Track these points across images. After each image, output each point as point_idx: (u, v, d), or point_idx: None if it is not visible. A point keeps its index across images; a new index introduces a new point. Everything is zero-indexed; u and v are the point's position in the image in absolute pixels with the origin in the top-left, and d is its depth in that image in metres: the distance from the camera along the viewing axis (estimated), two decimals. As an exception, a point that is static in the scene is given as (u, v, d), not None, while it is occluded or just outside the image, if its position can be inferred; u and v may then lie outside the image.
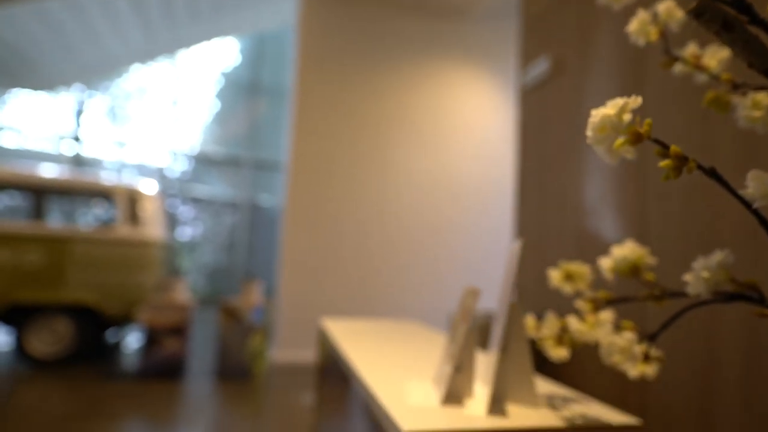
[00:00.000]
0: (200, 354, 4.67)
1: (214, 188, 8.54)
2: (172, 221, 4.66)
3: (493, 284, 5.30)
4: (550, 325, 0.83)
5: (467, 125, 5.17)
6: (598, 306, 0.75)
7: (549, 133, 2.59)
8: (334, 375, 1.75)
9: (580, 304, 0.76)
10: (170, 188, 8.00)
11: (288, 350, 4.41)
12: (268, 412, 3.04)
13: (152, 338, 3.62)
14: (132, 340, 5.17)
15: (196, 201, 8.29)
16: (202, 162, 8.51)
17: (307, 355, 4.43)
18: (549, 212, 2.53)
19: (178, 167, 8.25)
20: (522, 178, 2.79)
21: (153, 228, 4.20)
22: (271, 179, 8.81)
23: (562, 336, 0.79)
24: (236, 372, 3.75)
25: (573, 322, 0.74)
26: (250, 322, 3.76)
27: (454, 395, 0.77)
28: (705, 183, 0.73)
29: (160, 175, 7.87)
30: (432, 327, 1.93)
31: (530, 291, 2.52)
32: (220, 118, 8.77)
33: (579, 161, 2.27)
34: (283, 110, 8.45)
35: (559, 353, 0.79)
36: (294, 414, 3.02)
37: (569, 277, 0.84)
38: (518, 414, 0.72)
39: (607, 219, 2.07)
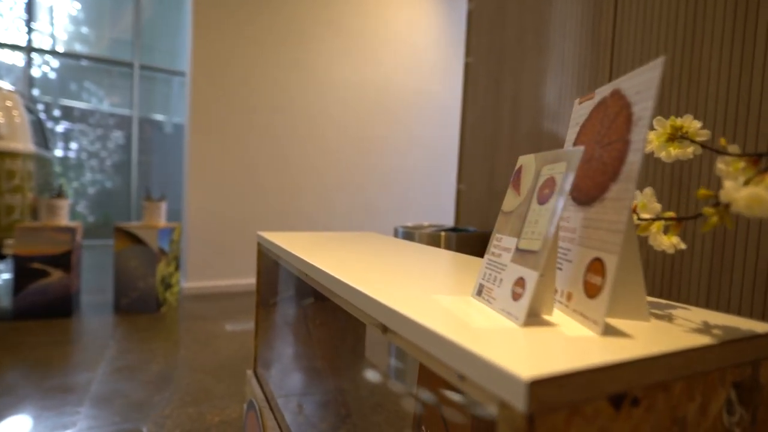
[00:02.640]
0: (98, 287, 4.06)
1: (96, 99, 7.23)
2: (45, 134, 3.77)
3: (430, 207, 5.20)
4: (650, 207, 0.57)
5: (399, 35, 4.69)
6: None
7: (504, 27, 2.29)
8: (278, 297, 1.44)
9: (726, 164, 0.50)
10: (39, 95, 6.62)
11: (199, 278, 3.97)
12: (187, 344, 2.68)
13: (26, 270, 2.97)
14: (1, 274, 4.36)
15: (74, 113, 6.99)
16: (79, 68, 7.09)
17: (221, 282, 4.03)
18: (503, 114, 2.29)
19: (46, 70, 6.79)
20: (468, 80, 2.50)
21: (16, 137, 3.34)
22: (165, 90, 7.65)
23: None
24: (143, 304, 3.27)
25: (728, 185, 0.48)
26: (156, 247, 3.24)
27: (534, 312, 0.50)
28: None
29: (23, 77, 6.42)
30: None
31: (475, 200, 2.34)
32: (97, 12, 7.23)
33: (539, 58, 2.02)
34: (178, 7, 7.16)
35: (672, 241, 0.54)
36: (219, 344, 2.69)
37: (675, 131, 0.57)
38: (644, 333, 0.46)
39: (567, 118, 1.88)
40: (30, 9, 6.52)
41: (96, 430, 1.70)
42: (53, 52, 6.81)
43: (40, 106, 6.83)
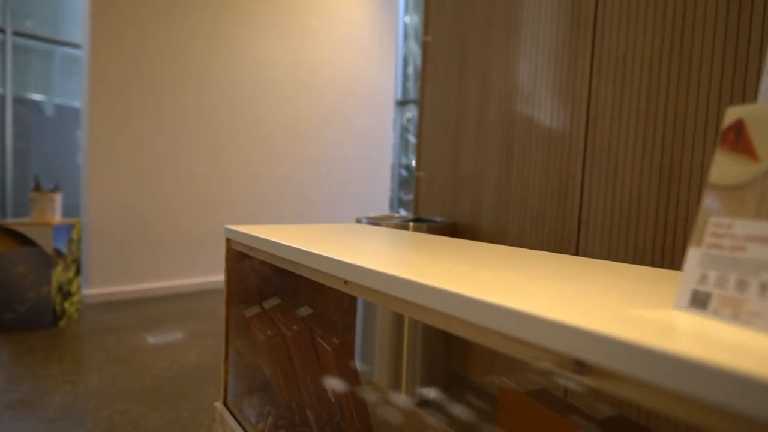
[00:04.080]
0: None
1: (-47, 71, 5.98)
2: None
3: (370, 198, 4.98)
4: None
5: (334, 14, 4.40)
6: None
7: (469, 4, 2.16)
8: (255, 309, 1.15)
9: None
10: None
11: (105, 283, 3.40)
12: (100, 364, 2.22)
13: None
14: None
15: None
16: (-75, 30, 5.79)
17: (134, 287, 3.50)
18: (469, 97, 2.17)
19: None
20: (427, 60, 2.34)
21: None
22: (45, 65, 6.57)
23: None
24: (35, 319, 2.69)
25: None
26: (50, 249, 2.67)
27: None
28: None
29: None
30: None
31: (437, 188, 2.20)
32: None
33: (510, 37, 1.92)
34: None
35: None
36: (142, 361, 2.27)
37: None
38: None
39: (544, 101, 1.80)
40: None
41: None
42: None
43: None
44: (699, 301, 0.42)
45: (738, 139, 0.42)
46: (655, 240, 1.54)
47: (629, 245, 1.60)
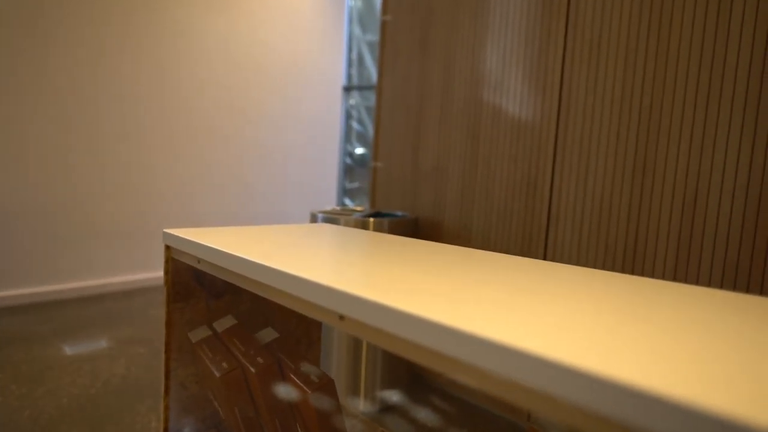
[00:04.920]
0: None
1: None
2: None
3: (316, 187, 4.72)
4: None
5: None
6: None
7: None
8: (205, 331, 0.95)
9: None
10: None
11: (8, 286, 2.96)
12: (4, 385, 1.88)
13: None
14: None
15: None
16: None
17: (41, 289, 3.08)
18: (431, 83, 2.03)
19: None
20: (386, 42, 2.18)
21: None
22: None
23: None
24: None
25: None
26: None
27: None
28: None
29: None
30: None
31: (396, 180, 2.06)
32: None
33: (477, 20, 1.80)
34: None
35: None
36: (59, 378, 1.95)
37: None
38: None
39: (513, 88, 1.71)
40: None
41: None
42: None
43: None
44: None
45: None
46: (627, 238, 1.50)
47: (600, 243, 1.56)
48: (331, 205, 4.88)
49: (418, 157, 2.07)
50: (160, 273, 3.57)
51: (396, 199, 2.16)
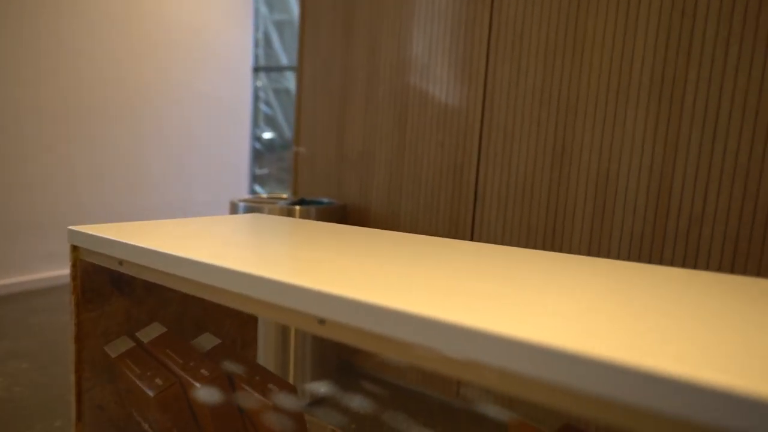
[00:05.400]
0: None
1: None
2: None
3: (227, 174, 4.38)
4: None
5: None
6: None
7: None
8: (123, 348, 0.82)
9: None
10: None
11: None
12: None
13: None
14: None
15: None
16: None
17: None
18: (356, 66, 1.98)
19: None
20: (306, 22, 2.07)
21: None
22: None
23: None
24: None
25: None
26: None
27: None
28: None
29: None
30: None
31: (320, 166, 1.99)
32: None
33: (403, 3, 1.77)
34: None
35: None
36: None
37: None
38: None
39: (439, 75, 1.71)
40: None
41: None
42: None
43: None
44: None
45: None
46: (547, 217, 1.59)
47: (523, 223, 1.64)
48: (241, 193, 4.63)
49: (344, 142, 2.01)
50: (39, 275, 3.12)
51: (320, 186, 2.09)
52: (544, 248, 1.61)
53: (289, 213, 1.71)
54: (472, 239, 1.74)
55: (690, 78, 1.35)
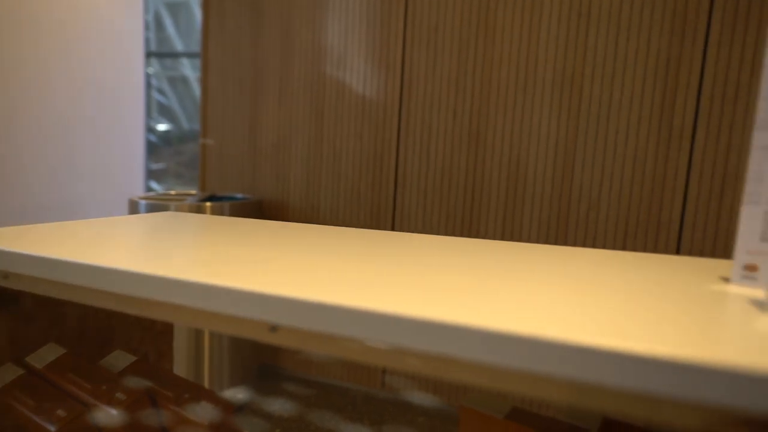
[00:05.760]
0: None
1: None
2: None
3: (118, 169, 3.91)
4: None
5: None
6: None
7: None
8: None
9: None
10: None
11: None
12: None
13: None
14: None
15: None
16: None
17: None
18: (267, 55, 1.88)
19: None
20: (210, 5, 1.92)
21: None
22: None
23: None
24: None
25: None
26: None
27: None
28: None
29: None
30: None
31: (231, 159, 1.87)
32: None
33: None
34: None
35: None
36: None
37: None
38: None
39: (356, 65, 1.69)
40: None
41: None
42: None
43: None
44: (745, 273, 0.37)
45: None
46: (464, 204, 1.65)
47: (442, 212, 1.68)
48: (135, 190, 4.22)
49: (257, 134, 1.90)
50: None
51: (231, 181, 1.96)
52: (462, 233, 1.67)
53: (199, 210, 1.58)
54: (393, 228, 1.75)
55: (586, 73, 1.47)
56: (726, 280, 0.45)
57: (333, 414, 1.68)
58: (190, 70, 4.42)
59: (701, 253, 1.42)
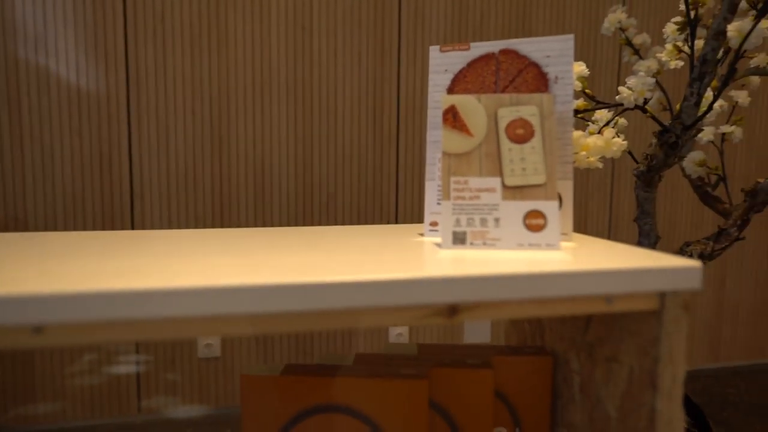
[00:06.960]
0: None
1: None
2: None
3: None
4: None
5: None
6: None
7: None
8: None
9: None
10: None
11: None
12: None
13: None
14: None
15: None
16: None
17: None
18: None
19: None
20: None
21: None
22: None
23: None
24: None
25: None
26: None
27: (563, 235, 0.56)
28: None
29: None
30: None
31: None
32: None
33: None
34: None
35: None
36: None
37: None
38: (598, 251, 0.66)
39: (64, 51, 1.44)
40: None
41: None
42: None
43: None
44: (459, 239, 0.58)
45: (455, 120, 0.59)
46: (213, 208, 1.64)
47: (189, 215, 1.63)
48: None
49: None
50: None
51: None
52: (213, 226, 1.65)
53: None
54: (133, 238, 1.59)
55: (314, 82, 1.67)
56: (422, 234, 0.65)
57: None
58: None
59: (411, 221, 1.82)
